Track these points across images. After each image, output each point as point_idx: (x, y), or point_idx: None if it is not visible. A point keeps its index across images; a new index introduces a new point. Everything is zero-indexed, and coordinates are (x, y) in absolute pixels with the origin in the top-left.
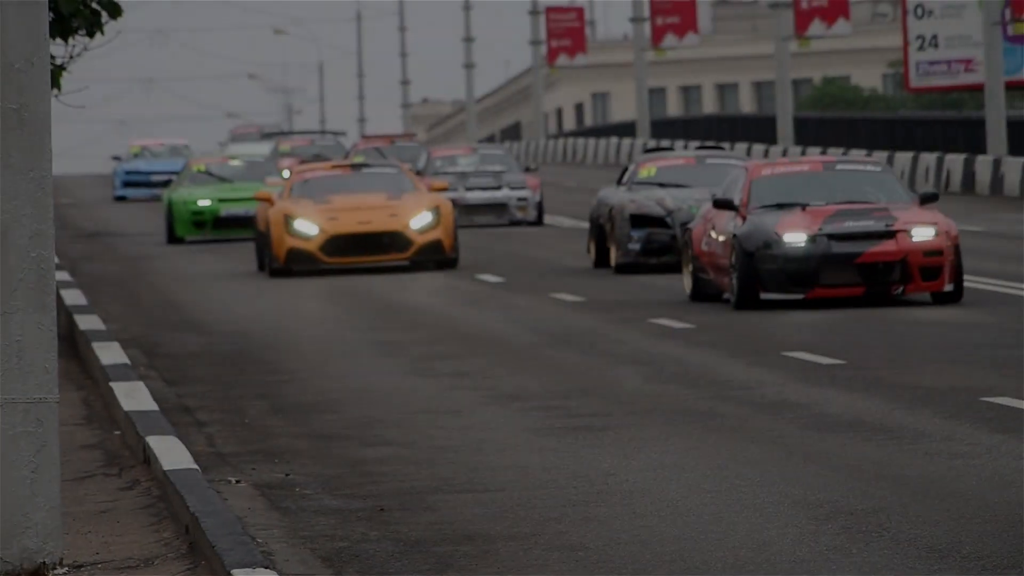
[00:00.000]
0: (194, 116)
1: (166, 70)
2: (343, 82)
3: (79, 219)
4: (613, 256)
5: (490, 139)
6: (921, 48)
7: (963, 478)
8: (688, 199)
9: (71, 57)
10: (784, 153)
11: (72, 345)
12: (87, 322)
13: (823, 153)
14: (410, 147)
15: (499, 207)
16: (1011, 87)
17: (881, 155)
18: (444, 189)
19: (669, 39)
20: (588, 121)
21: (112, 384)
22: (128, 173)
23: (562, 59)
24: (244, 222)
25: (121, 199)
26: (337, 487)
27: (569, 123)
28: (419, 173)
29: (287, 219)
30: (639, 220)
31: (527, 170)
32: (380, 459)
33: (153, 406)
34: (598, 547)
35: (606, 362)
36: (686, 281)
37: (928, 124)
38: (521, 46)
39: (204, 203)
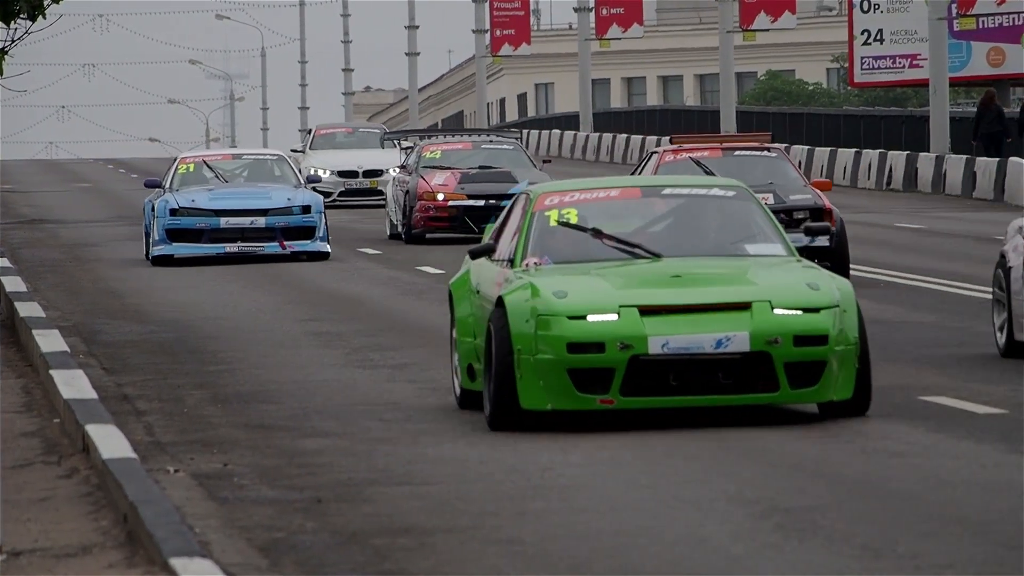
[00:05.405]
0: (136, 102)
1: (107, 55)
2: (285, 69)
3: (19, 205)
4: None
5: (434, 126)
6: (866, 43)
7: (899, 477)
8: None
9: (13, 41)
10: None
11: (12, 332)
12: (27, 309)
13: None
14: (771, 159)
15: None
16: (955, 83)
17: (824, 151)
18: None
19: (614, 30)
20: (531, 112)
21: (52, 372)
22: (176, 214)
23: (506, 48)
24: (711, 381)
25: (164, 260)
26: (274, 478)
27: (512, 114)
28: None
29: None
30: None
31: None
32: (318, 450)
33: (92, 394)
34: (535, 541)
35: None
36: None
37: (871, 120)
38: (465, 35)
39: (600, 318)
